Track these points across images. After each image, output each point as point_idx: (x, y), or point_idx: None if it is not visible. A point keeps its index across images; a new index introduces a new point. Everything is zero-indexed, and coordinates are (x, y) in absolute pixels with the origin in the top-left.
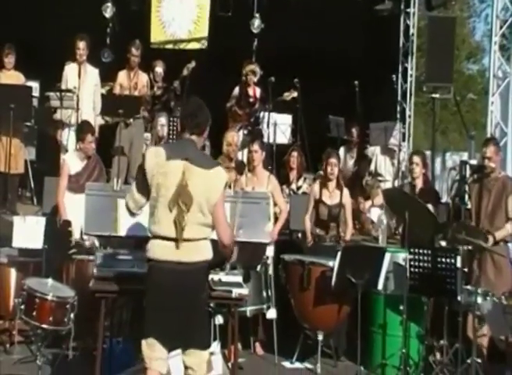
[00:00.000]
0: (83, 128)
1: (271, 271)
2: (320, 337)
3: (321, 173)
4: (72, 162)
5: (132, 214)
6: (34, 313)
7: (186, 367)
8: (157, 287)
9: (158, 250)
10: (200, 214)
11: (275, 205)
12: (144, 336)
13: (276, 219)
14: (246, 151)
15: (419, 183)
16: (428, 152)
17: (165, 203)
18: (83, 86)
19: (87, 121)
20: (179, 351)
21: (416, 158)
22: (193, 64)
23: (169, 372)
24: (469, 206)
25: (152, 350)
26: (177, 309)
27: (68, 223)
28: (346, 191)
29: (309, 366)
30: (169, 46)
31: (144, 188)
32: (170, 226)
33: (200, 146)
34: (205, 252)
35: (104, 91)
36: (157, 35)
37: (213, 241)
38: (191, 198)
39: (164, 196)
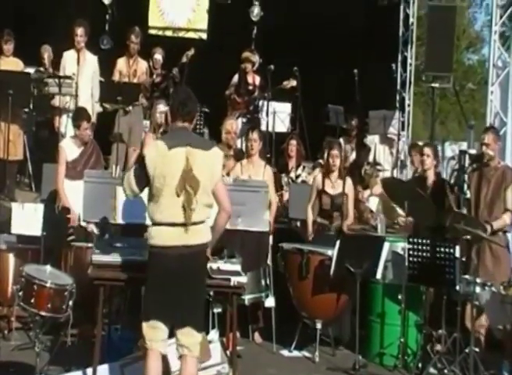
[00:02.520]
0: (78, 115)
1: (269, 259)
2: (318, 326)
3: (321, 162)
4: (69, 148)
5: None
6: (33, 300)
7: (181, 346)
8: (161, 272)
9: (164, 236)
10: (206, 194)
11: None
12: (144, 319)
13: None
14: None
15: (431, 176)
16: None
17: (171, 191)
18: (81, 73)
19: (83, 107)
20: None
21: (427, 150)
22: (192, 51)
23: (167, 360)
24: (468, 196)
25: (154, 331)
26: (180, 291)
27: (67, 210)
28: (349, 181)
29: (307, 354)
30: (169, 33)
31: (142, 180)
32: (177, 212)
33: None
34: (208, 234)
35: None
36: (155, 23)
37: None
38: (198, 182)
39: (169, 185)
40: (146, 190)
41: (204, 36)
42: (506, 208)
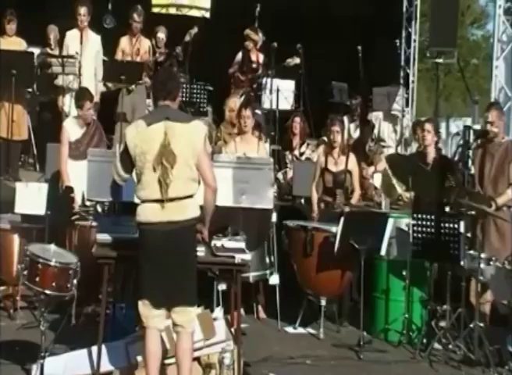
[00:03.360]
0: (80, 95)
1: (274, 237)
2: (323, 303)
3: (325, 139)
4: (71, 129)
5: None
6: (37, 279)
7: (175, 324)
8: (148, 249)
9: (147, 213)
10: (188, 168)
11: None
12: (139, 297)
13: None
14: None
15: (431, 152)
16: None
17: (149, 168)
18: (84, 52)
19: (85, 88)
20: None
21: (428, 126)
22: (195, 30)
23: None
24: (472, 171)
25: (149, 309)
26: (167, 268)
27: (70, 190)
28: (352, 157)
29: (312, 331)
30: (172, 10)
31: (127, 164)
32: (154, 189)
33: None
34: (192, 210)
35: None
36: (158, 0)
37: (218, 208)
38: (174, 156)
39: (149, 161)
40: None
41: (208, 14)
42: (510, 182)
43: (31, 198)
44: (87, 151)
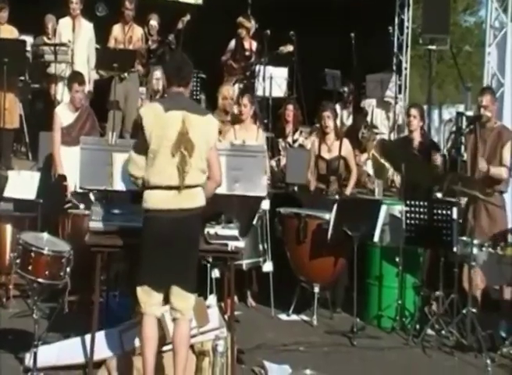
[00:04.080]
0: (70, 77)
1: (267, 224)
2: (316, 290)
3: (318, 126)
4: (63, 114)
5: (136, 182)
6: (30, 267)
7: (173, 309)
8: (156, 236)
9: (158, 199)
10: (200, 160)
11: None
12: (139, 283)
13: None
14: None
15: (417, 137)
16: (424, 106)
17: (166, 152)
18: (77, 40)
19: (78, 71)
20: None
21: (413, 111)
22: (188, 17)
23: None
24: (465, 158)
25: (148, 295)
26: (174, 254)
27: (63, 178)
28: (346, 142)
29: (305, 318)
30: None
31: (144, 148)
32: (172, 173)
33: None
34: (202, 199)
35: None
36: None
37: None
38: (193, 145)
39: (166, 146)
40: None
41: (200, 0)
42: (503, 163)
43: (23, 186)
44: (79, 137)
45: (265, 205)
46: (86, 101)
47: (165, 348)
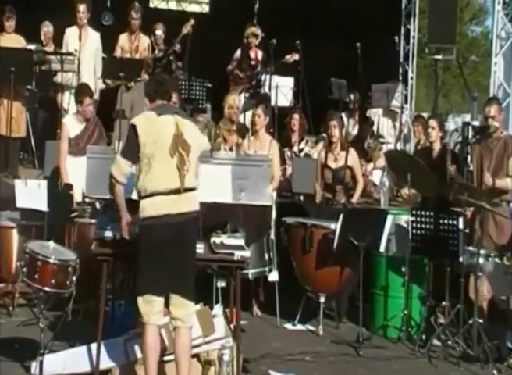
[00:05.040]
0: (80, 91)
1: (273, 234)
2: (322, 300)
3: (324, 135)
4: (71, 125)
5: (114, 184)
6: (36, 276)
7: (173, 319)
8: (155, 243)
9: (158, 205)
10: (194, 163)
11: None
12: (139, 293)
13: None
14: (248, 114)
15: (436, 147)
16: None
17: (163, 156)
18: (83, 49)
19: (85, 84)
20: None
21: (432, 122)
22: (191, 22)
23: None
24: (471, 168)
25: (150, 305)
26: (172, 260)
27: (69, 187)
28: (352, 152)
29: (311, 327)
30: (172, 5)
31: (133, 154)
32: (171, 175)
33: None
34: (197, 202)
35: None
36: None
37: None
38: (189, 145)
39: (161, 149)
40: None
41: (207, 8)
42: (509, 174)
43: (31, 195)
44: (86, 148)
45: (272, 214)
46: (93, 110)
47: (166, 358)
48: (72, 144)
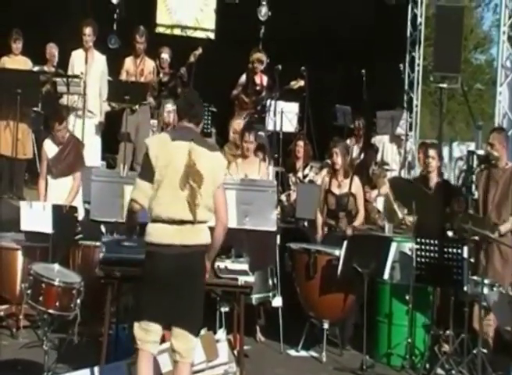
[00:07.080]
0: (52, 116)
1: (277, 259)
2: (326, 326)
3: (329, 162)
4: (48, 147)
5: (134, 207)
6: (41, 298)
7: (174, 351)
8: (156, 272)
9: (161, 233)
10: (207, 196)
11: None
12: (136, 319)
13: None
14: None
15: (434, 177)
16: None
17: (171, 184)
18: (89, 72)
19: (57, 109)
20: (167, 345)
21: (432, 152)
22: (199, 51)
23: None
24: (476, 196)
25: (146, 333)
26: (175, 293)
27: (74, 209)
28: (356, 180)
29: (314, 354)
30: (177, 31)
31: (151, 175)
32: (178, 207)
33: None
34: (207, 236)
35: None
36: (163, 21)
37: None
38: (201, 176)
39: (169, 177)
40: None
41: (212, 35)
42: None
43: (36, 217)
44: (64, 169)
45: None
46: (67, 133)
47: None
48: (49, 165)
